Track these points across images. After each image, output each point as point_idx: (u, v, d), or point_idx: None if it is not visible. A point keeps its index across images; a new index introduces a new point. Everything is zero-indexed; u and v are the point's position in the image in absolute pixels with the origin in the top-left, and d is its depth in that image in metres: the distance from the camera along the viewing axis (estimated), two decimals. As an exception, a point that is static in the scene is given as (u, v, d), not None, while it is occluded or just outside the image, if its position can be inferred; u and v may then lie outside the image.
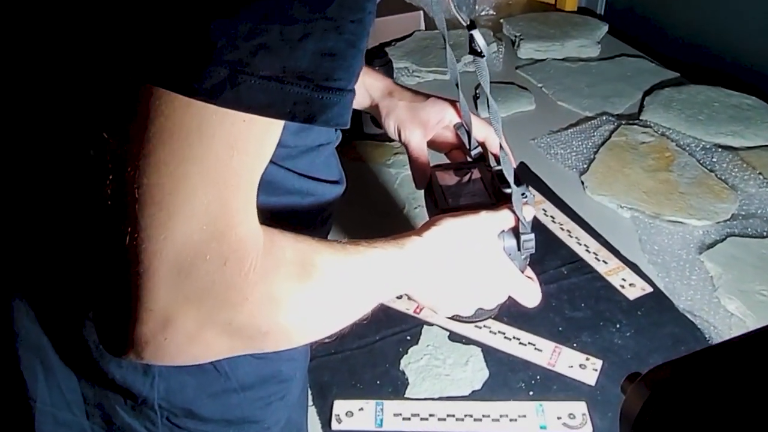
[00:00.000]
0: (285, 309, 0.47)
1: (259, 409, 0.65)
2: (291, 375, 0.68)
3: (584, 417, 0.86)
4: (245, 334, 0.47)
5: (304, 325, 0.49)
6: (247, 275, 0.45)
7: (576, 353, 0.95)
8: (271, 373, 0.65)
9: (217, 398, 0.63)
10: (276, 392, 0.66)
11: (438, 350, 0.96)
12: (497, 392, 0.90)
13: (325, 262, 0.50)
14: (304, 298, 0.48)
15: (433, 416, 0.87)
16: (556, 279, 1.07)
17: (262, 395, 0.65)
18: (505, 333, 0.98)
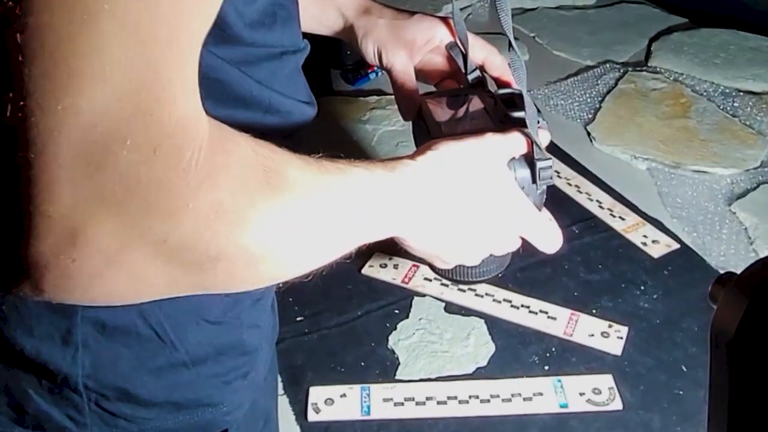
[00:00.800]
0: (243, 225, 0.37)
1: (216, 389, 0.56)
2: (255, 346, 0.59)
3: (611, 391, 0.78)
4: (187, 259, 0.37)
5: (270, 252, 0.39)
6: (186, 172, 0.35)
7: (596, 320, 0.87)
8: (231, 343, 0.56)
9: (161, 375, 0.54)
10: (237, 367, 0.57)
11: (433, 324, 0.87)
12: (506, 368, 0.82)
13: (297, 174, 0.41)
14: (269, 215, 0.39)
15: (431, 399, 0.78)
16: (566, 239, 0.98)
17: (219, 371, 0.56)
18: (512, 301, 0.90)
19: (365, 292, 0.92)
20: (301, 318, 0.89)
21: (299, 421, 0.77)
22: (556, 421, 0.76)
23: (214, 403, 0.56)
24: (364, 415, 0.77)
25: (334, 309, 0.91)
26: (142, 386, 0.53)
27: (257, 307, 0.58)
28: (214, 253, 0.37)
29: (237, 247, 0.38)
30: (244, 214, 0.38)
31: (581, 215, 1.03)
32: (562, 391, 0.79)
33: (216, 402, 0.56)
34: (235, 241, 0.37)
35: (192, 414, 0.55)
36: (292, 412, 0.78)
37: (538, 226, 0.55)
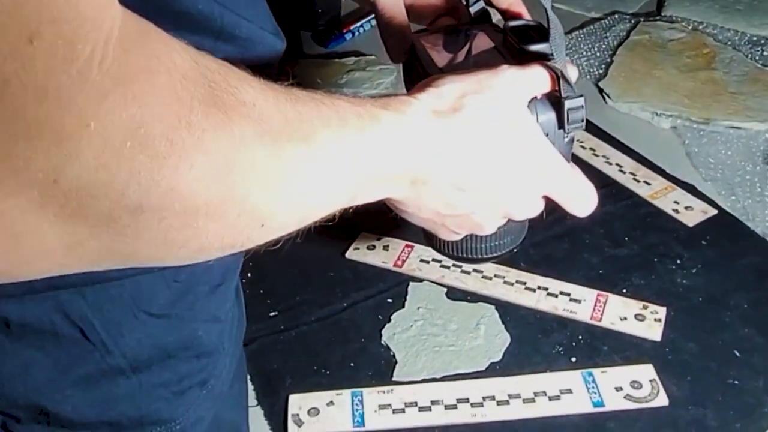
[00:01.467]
0: (176, 160, 0.28)
1: (165, 402, 0.47)
2: (215, 345, 0.49)
3: (654, 384, 0.69)
4: (93, 210, 0.27)
5: (218, 203, 0.30)
6: (84, 76, 0.26)
7: (628, 301, 0.78)
8: (182, 342, 0.47)
9: (90, 386, 0.45)
10: (191, 373, 0.48)
11: (434, 313, 0.78)
12: (526, 362, 0.73)
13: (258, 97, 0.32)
14: (216, 147, 0.30)
15: (438, 404, 0.69)
16: None
17: (168, 379, 0.47)
18: (526, 282, 0.81)
19: (351, 280, 0.83)
20: (275, 312, 0.80)
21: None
22: (589, 423, 0.67)
23: (162, 420, 0.47)
24: (356, 426, 0.68)
25: (314, 301, 0.81)
26: (64, 402, 0.45)
27: (216, 295, 0.49)
28: (133, 202, 0.28)
29: (167, 194, 0.28)
30: (178, 143, 0.28)
31: (600, 181, 0.95)
32: (595, 386, 0.70)
33: (165, 419, 0.47)
34: (165, 184, 0.28)
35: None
36: (268, 427, 0.69)
37: (568, 182, 0.47)
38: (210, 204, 0.29)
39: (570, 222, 0.89)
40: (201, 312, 0.47)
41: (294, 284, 0.83)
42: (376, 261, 0.85)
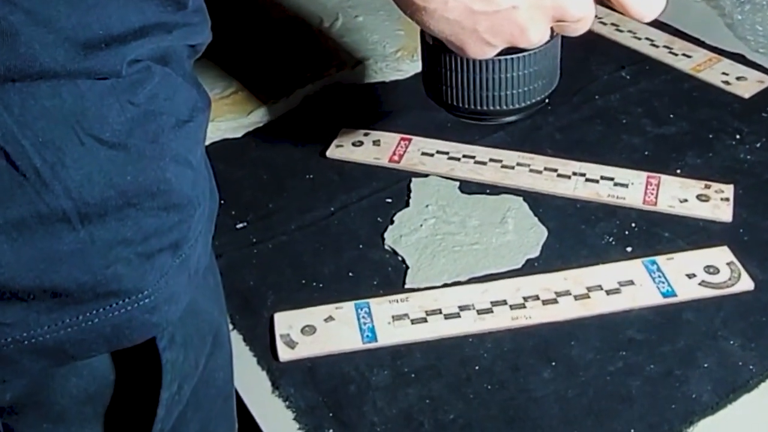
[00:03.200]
0: None
1: (127, 265, 0.40)
2: (188, 198, 0.44)
3: (733, 268, 0.65)
4: None
5: None
6: None
7: (686, 181, 0.75)
8: (146, 185, 0.41)
9: (22, 237, 0.38)
10: (160, 232, 0.42)
11: (447, 209, 0.72)
12: (571, 256, 0.68)
13: None
14: None
15: (468, 308, 0.63)
16: (615, 88, 0.87)
17: (129, 234, 0.40)
18: (558, 169, 0.76)
19: (336, 181, 0.77)
20: (242, 224, 0.73)
21: (265, 363, 0.61)
22: (661, 315, 0.63)
23: (125, 291, 0.41)
24: (368, 342, 0.61)
25: (292, 207, 0.75)
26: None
27: (185, 131, 0.43)
28: None
29: None
30: None
31: (630, 58, 0.91)
32: (662, 275, 0.65)
33: (129, 288, 0.41)
34: None
35: (88, 311, 0.40)
36: (250, 353, 0.62)
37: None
38: None
39: (600, 101, 0.85)
40: (168, 148, 0.41)
41: (264, 191, 0.76)
42: (366, 158, 0.79)
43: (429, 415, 0.56)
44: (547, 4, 0.43)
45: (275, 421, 0.57)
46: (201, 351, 0.47)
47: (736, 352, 0.59)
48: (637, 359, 0.59)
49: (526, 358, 0.60)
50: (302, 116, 0.85)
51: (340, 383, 0.59)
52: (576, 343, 0.61)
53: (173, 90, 0.42)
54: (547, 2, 0.43)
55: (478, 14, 0.41)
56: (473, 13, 0.41)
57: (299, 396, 0.58)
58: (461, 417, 0.56)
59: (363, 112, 0.84)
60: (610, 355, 0.60)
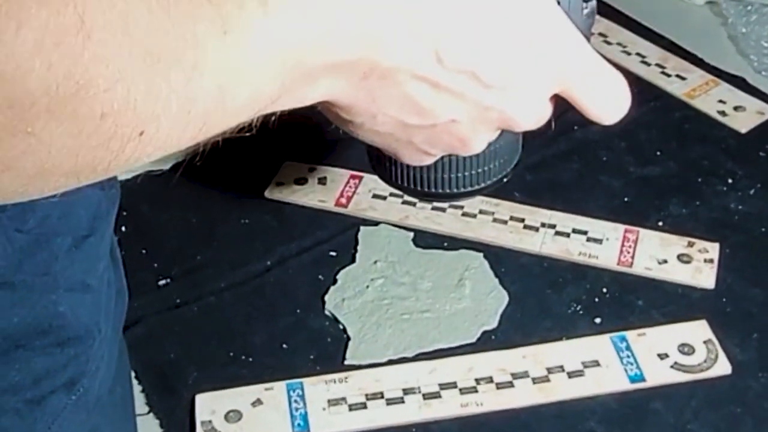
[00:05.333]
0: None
1: (14, 417, 0.44)
2: (85, 327, 0.47)
3: (710, 347, 0.68)
4: None
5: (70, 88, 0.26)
6: None
7: (667, 237, 0.78)
8: (36, 323, 0.44)
9: None
10: (53, 371, 0.45)
11: (398, 267, 0.75)
12: (532, 328, 0.72)
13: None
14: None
15: (414, 392, 0.66)
16: None
17: (17, 381, 0.43)
18: (525, 219, 0.79)
19: (275, 228, 0.80)
20: (165, 280, 0.75)
21: (183, 455, 0.63)
22: (627, 404, 0.66)
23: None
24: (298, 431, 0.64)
25: (222, 260, 0.77)
26: None
27: (83, 251, 0.45)
28: None
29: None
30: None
31: (616, 78, 0.93)
32: (631, 354, 0.68)
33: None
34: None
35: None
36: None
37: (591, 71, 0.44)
38: (53, 93, 0.25)
39: (578, 134, 0.87)
40: (62, 276, 0.44)
41: (192, 239, 0.79)
42: (311, 200, 0.82)
43: None
44: (492, 116, 0.44)
45: None
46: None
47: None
48: (595, 457, 0.63)
49: (473, 453, 0.63)
50: (240, 145, 0.86)
51: (265, 481, 0.62)
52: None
53: (69, 204, 0.44)
54: (493, 115, 0.44)
55: (412, 127, 0.42)
56: (406, 127, 0.42)
57: (219, 496, 0.61)
58: None
59: (309, 142, 0.86)
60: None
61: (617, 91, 0.45)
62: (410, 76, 0.38)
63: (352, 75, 0.37)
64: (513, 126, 0.45)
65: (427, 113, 0.41)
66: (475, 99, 0.41)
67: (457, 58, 0.39)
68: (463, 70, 0.39)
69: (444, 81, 0.40)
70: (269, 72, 0.32)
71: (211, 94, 0.30)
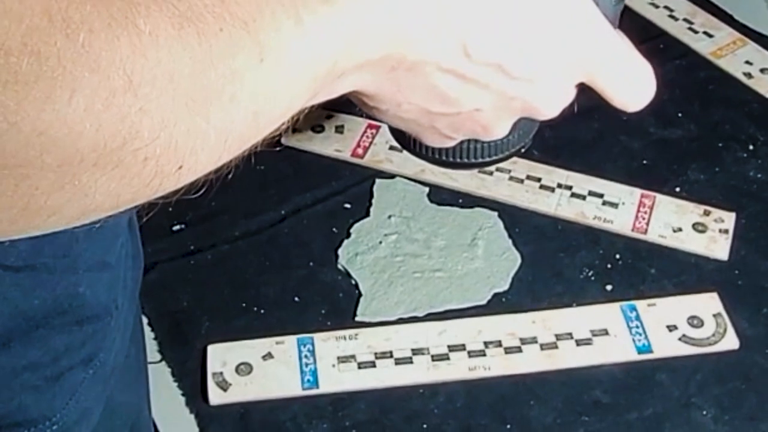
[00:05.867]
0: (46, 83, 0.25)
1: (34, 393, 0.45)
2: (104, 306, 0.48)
3: (720, 321, 0.69)
4: None
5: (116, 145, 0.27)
6: None
7: (684, 204, 0.78)
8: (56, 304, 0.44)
9: None
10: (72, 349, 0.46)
11: (412, 223, 0.76)
12: (542, 293, 0.72)
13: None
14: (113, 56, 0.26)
15: (422, 353, 0.68)
16: None
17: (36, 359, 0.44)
18: (541, 179, 0.79)
19: (290, 176, 0.81)
20: (180, 226, 0.76)
21: (193, 406, 0.65)
22: (632, 375, 0.67)
23: (30, 421, 0.45)
24: (308, 389, 0.66)
25: (237, 208, 0.78)
26: None
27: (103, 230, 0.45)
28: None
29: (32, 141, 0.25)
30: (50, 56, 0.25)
31: (643, 31, 0.92)
32: (639, 325, 0.69)
33: (34, 417, 0.45)
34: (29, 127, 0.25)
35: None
36: (178, 390, 0.66)
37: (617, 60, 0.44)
38: (101, 149, 0.26)
39: (601, 91, 0.86)
40: (81, 258, 0.44)
41: (206, 184, 0.79)
42: (327, 149, 0.82)
43: (367, 480, 0.61)
44: (516, 105, 0.44)
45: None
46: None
47: (707, 425, 0.64)
48: (600, 427, 0.64)
49: (480, 418, 0.65)
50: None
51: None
52: (536, 403, 0.65)
53: None
54: (516, 104, 0.44)
55: (437, 115, 0.43)
56: (430, 114, 0.43)
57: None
58: (402, 485, 0.61)
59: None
60: (571, 419, 0.64)
61: (643, 79, 0.45)
62: (437, 68, 0.39)
63: (379, 69, 0.37)
64: (535, 114, 0.46)
65: (452, 102, 0.41)
66: (501, 90, 0.42)
67: (485, 52, 0.39)
68: (490, 63, 0.40)
69: (470, 73, 0.40)
70: (302, 86, 0.32)
71: (246, 121, 0.30)
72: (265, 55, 0.30)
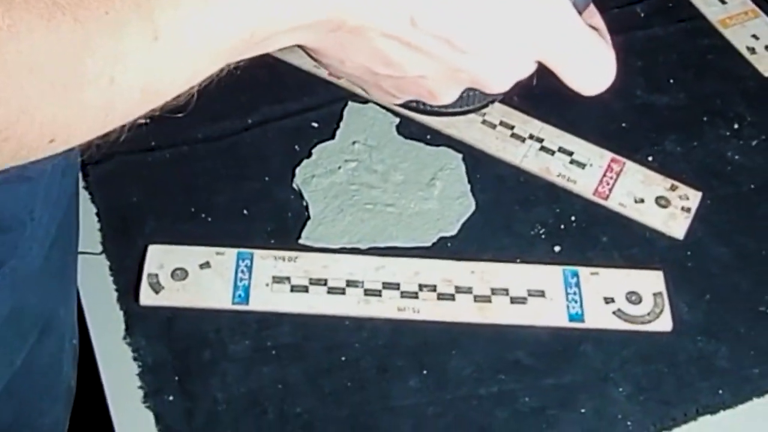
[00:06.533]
0: None
1: None
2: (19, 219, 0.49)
3: (658, 300, 0.69)
4: None
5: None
6: None
7: (652, 175, 0.77)
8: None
9: None
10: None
11: (375, 153, 0.76)
12: (490, 243, 0.73)
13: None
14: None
15: (356, 285, 0.68)
16: (622, 27, 0.86)
17: None
18: (514, 127, 0.78)
19: (263, 85, 0.80)
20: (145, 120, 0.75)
21: (124, 303, 0.67)
22: (560, 341, 0.68)
23: None
24: (237, 303, 0.67)
25: (205, 110, 0.75)
26: None
27: None
28: None
29: None
30: None
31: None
32: (578, 292, 0.69)
33: None
34: None
35: None
36: (113, 286, 0.68)
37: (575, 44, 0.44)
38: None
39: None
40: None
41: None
42: (307, 63, 0.81)
43: (276, 403, 0.63)
44: (463, 77, 0.44)
45: (118, 372, 0.64)
46: (20, 348, 0.53)
47: (620, 402, 0.65)
48: (514, 387, 0.65)
49: (398, 359, 0.66)
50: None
51: (195, 345, 0.65)
52: (457, 353, 0.66)
53: None
54: (463, 76, 0.44)
55: (381, 76, 0.43)
56: (375, 74, 0.43)
57: (150, 350, 0.65)
58: (308, 413, 0.63)
59: None
60: (488, 375, 0.65)
61: (600, 65, 0.45)
62: (380, 33, 0.39)
63: (319, 29, 0.37)
64: (484, 87, 0.45)
65: (395, 66, 0.42)
66: (447, 61, 0.42)
67: (433, 24, 0.39)
68: (437, 36, 0.40)
69: (416, 41, 0.40)
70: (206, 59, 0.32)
71: (132, 98, 0.30)
72: (160, 34, 0.29)
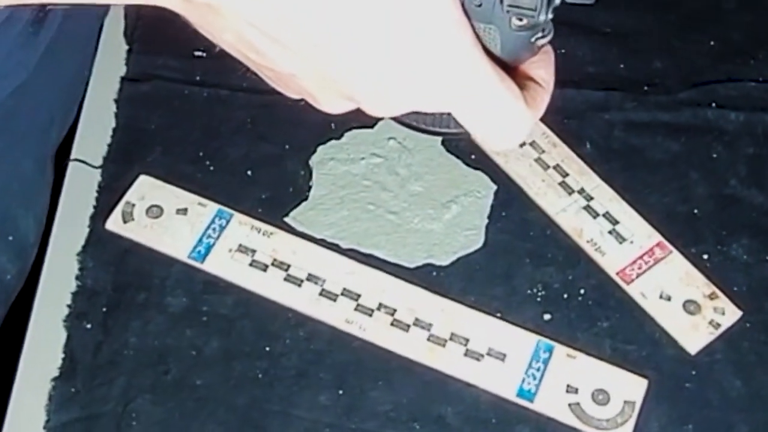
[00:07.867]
0: None
1: None
2: None
3: (627, 410, 0.62)
4: None
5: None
6: None
7: (696, 274, 0.68)
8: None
9: None
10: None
11: (405, 156, 0.73)
12: (474, 288, 0.68)
13: None
14: None
15: (316, 282, 0.66)
16: (750, 105, 0.78)
17: None
18: (567, 175, 0.73)
19: None
20: (200, 53, 0.77)
21: (92, 221, 0.69)
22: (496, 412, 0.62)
23: None
24: (192, 259, 0.67)
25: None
26: None
27: None
28: None
29: None
30: None
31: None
32: (541, 369, 0.63)
33: None
34: None
35: None
36: (93, 203, 0.70)
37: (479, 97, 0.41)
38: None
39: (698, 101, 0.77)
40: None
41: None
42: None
43: (180, 368, 0.63)
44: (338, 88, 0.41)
45: (57, 284, 0.66)
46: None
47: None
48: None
49: (321, 369, 0.63)
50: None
51: (136, 284, 0.66)
52: (383, 385, 0.62)
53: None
54: (335, 88, 0.42)
55: (255, 63, 0.41)
56: (250, 59, 0.41)
57: (93, 274, 0.66)
58: (206, 388, 0.62)
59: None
60: (402, 419, 0.61)
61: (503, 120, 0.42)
62: (242, 18, 0.37)
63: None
64: (366, 109, 0.43)
65: (262, 55, 0.40)
66: (311, 65, 0.40)
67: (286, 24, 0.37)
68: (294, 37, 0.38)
69: (276, 34, 0.38)
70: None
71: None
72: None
